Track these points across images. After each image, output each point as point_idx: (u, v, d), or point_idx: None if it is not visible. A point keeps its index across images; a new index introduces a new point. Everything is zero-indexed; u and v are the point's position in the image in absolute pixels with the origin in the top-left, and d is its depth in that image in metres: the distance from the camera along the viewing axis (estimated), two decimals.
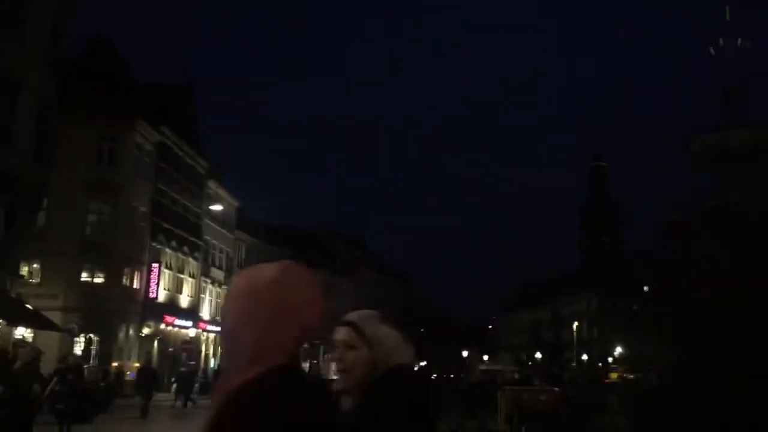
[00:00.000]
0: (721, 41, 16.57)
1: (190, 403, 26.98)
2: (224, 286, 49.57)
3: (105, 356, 31.75)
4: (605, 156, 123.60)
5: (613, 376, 52.50)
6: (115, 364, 31.68)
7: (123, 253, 34.80)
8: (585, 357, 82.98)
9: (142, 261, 36.92)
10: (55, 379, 17.58)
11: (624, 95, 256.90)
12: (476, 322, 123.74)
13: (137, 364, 30.54)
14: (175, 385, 29.74)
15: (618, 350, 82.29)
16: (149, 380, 23.56)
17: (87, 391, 17.97)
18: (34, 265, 32.79)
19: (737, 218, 16.57)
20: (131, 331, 35.58)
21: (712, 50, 16.38)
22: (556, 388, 24.63)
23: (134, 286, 36.21)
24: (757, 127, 13.84)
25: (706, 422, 11.55)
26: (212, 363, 47.13)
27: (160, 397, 26.93)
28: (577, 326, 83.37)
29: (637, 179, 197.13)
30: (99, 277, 33.99)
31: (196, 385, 30.37)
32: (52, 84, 26.15)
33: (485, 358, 73.15)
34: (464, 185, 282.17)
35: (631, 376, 50.71)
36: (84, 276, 33.83)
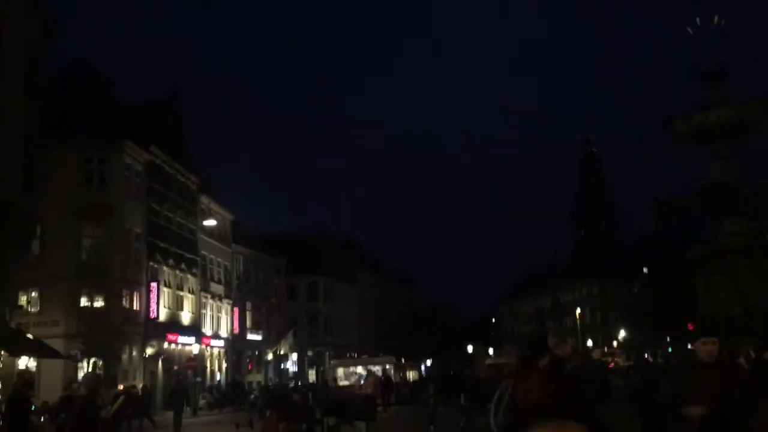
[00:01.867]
0: (698, 20, 16.66)
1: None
2: (224, 300, 49.58)
3: (110, 379, 31.71)
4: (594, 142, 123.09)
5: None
6: (120, 386, 31.63)
7: (120, 275, 34.77)
8: (590, 343, 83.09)
9: (140, 281, 36.89)
10: (122, 398, 18.20)
11: (604, 79, 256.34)
12: (479, 315, 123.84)
13: (141, 385, 30.44)
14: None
15: (622, 334, 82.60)
16: (182, 397, 25.68)
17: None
18: (33, 294, 32.74)
19: (729, 195, 16.68)
20: (134, 352, 35.54)
21: (690, 30, 16.48)
22: None
23: (134, 307, 36.17)
24: (736, 105, 13.92)
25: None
26: (218, 377, 47.15)
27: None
28: (579, 313, 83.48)
29: (624, 163, 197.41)
30: (98, 300, 33.90)
31: (187, 405, 28.48)
32: (36, 111, 26.03)
33: (490, 351, 73.02)
34: (457, 180, 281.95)
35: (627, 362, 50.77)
36: (83, 301, 33.75)
